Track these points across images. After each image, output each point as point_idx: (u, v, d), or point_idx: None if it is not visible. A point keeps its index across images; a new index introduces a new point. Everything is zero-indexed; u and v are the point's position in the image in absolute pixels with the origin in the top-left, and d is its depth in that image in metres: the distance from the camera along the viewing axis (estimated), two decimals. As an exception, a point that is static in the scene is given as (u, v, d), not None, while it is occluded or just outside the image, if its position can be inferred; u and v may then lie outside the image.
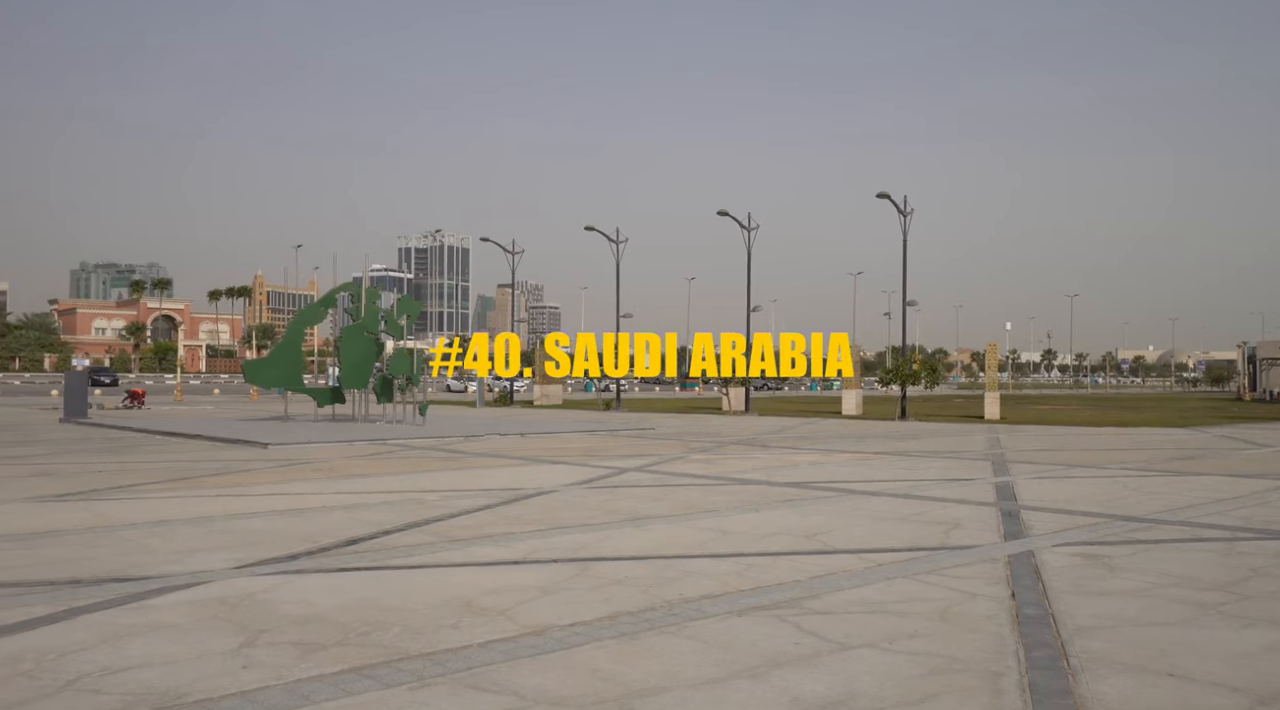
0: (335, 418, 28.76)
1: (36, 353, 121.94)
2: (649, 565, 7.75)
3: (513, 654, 5.27)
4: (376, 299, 28.69)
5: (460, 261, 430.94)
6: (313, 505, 11.25)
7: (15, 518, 10.10)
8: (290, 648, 5.37)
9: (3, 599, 6.47)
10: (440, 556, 8.09)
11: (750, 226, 41.15)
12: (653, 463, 17.14)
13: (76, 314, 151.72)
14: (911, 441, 23.39)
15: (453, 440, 22.13)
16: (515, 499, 11.87)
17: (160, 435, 23.43)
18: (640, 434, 25.56)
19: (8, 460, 16.90)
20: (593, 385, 69.48)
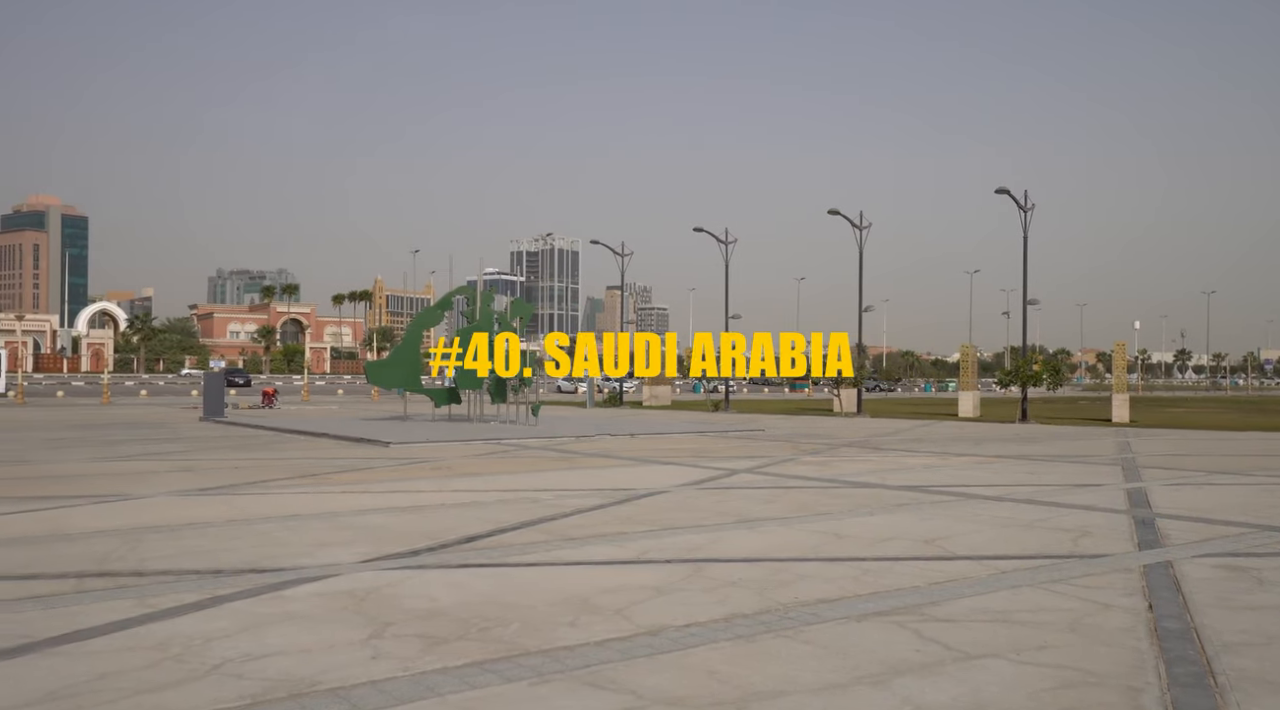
0: (451, 417, 29.58)
1: (178, 355, 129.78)
2: (762, 568, 7.69)
3: (629, 653, 5.31)
4: (490, 301, 29.38)
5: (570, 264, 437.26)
6: (432, 503, 11.60)
7: (163, 510, 10.75)
8: (415, 640, 5.55)
9: (154, 586, 6.90)
10: (556, 555, 8.22)
11: (862, 225, 40.38)
12: (763, 464, 17.00)
13: (213, 318, 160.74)
14: (1033, 445, 22.50)
15: (564, 440, 22.47)
16: (627, 499, 11.96)
17: (290, 434, 24.57)
18: (750, 435, 25.40)
19: (155, 456, 18.02)
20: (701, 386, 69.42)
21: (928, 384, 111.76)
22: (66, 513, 10.53)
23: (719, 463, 17.16)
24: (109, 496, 11.93)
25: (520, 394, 28.55)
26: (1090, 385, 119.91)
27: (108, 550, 8.22)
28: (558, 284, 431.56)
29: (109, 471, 15.20)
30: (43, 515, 10.33)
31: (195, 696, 4.57)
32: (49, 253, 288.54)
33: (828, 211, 40.70)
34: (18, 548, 8.36)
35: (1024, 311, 36.72)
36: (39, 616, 6.01)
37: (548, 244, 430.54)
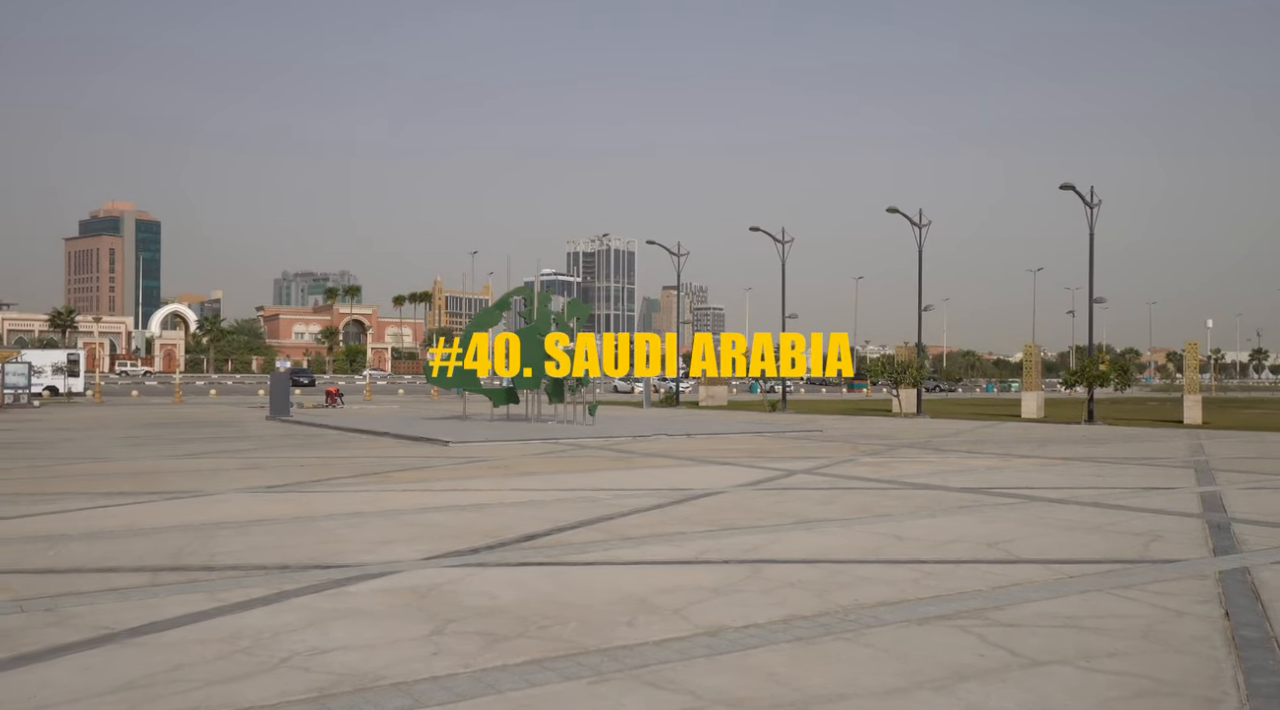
0: (509, 417, 29.88)
1: (245, 355, 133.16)
2: (821, 569, 7.62)
3: (687, 653, 5.31)
4: (547, 302, 29.61)
5: (626, 264, 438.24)
6: (491, 501, 11.72)
7: (232, 507, 11.05)
8: (476, 637, 5.62)
9: (225, 581, 7.10)
10: (614, 554, 8.25)
11: (921, 223, 39.78)
12: (821, 465, 16.85)
13: (279, 319, 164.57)
14: (1101, 446, 21.94)
15: (621, 440, 22.53)
16: (684, 499, 11.96)
17: (352, 433, 25.05)
18: (807, 436, 25.19)
19: (225, 454, 18.52)
20: (757, 386, 69.07)
21: (989, 384, 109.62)
22: (142, 508, 10.88)
23: (776, 463, 17.06)
24: (181, 493, 12.29)
25: (577, 394, 28.71)
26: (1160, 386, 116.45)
27: (181, 545, 8.48)
28: (614, 284, 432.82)
29: (181, 468, 15.66)
30: (120, 510, 10.68)
31: (265, 688, 4.68)
32: (124, 257, 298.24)
33: (886, 210, 40.19)
34: (97, 542, 8.66)
35: (1090, 309, 35.82)
36: (117, 608, 6.22)
37: (604, 245, 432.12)
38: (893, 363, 41.60)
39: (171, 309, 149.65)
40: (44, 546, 8.41)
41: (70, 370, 55.18)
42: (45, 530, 9.28)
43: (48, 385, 51.76)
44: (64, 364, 55.02)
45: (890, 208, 40.03)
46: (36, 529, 9.36)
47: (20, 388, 42.73)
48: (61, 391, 53.53)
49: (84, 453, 18.61)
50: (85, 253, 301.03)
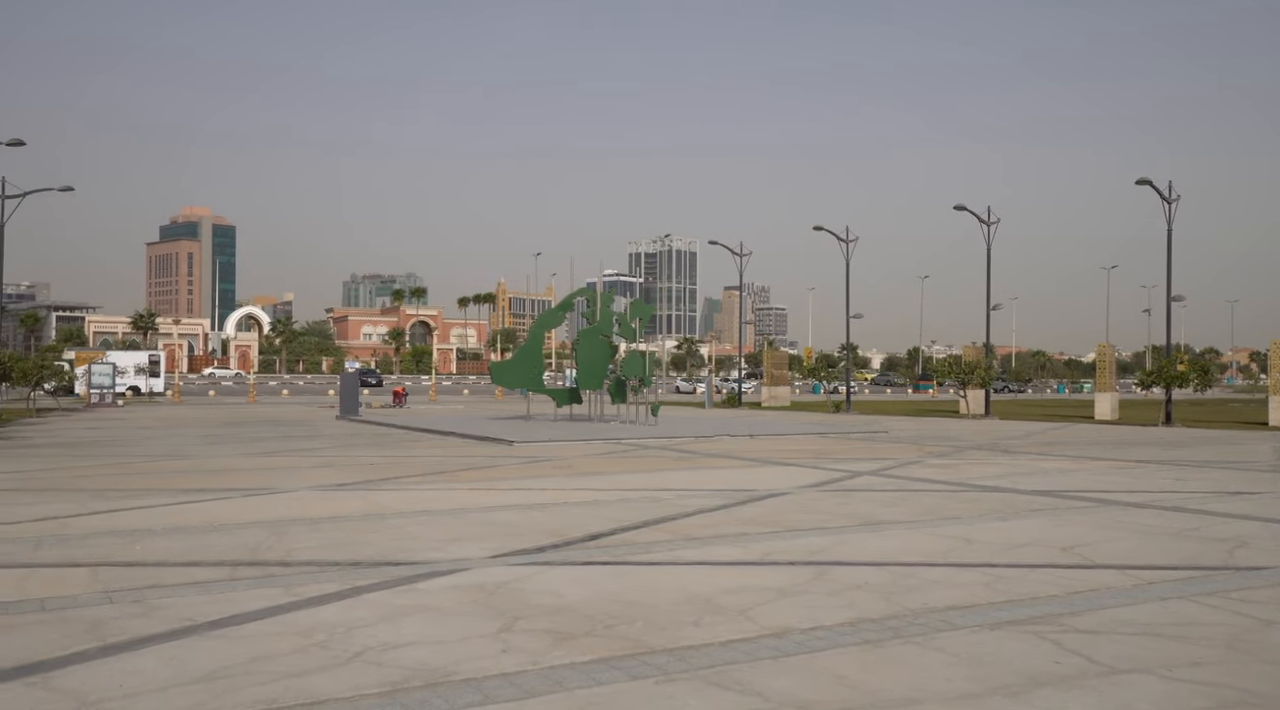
0: (573, 417, 30.06)
1: (316, 356, 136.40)
2: (889, 572, 7.52)
3: (754, 654, 5.29)
4: (610, 303, 29.72)
5: (688, 265, 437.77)
6: (556, 500, 11.82)
7: (306, 504, 11.33)
8: (543, 635, 5.67)
9: (299, 576, 7.28)
10: (678, 554, 8.25)
11: (990, 221, 38.97)
12: (887, 467, 16.62)
13: (348, 321, 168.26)
14: (1179, 449, 21.22)
15: (684, 440, 22.52)
16: (748, 500, 11.90)
17: (419, 432, 25.48)
18: (872, 437, 24.86)
19: (297, 452, 19.00)
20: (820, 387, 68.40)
21: (1060, 385, 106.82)
22: (220, 504, 11.22)
23: (841, 464, 16.87)
24: (257, 490, 12.65)
25: (640, 394, 28.77)
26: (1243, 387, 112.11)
27: (258, 541, 8.72)
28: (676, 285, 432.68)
29: (256, 466, 16.11)
30: (200, 506, 11.04)
31: (339, 682, 4.79)
32: (201, 260, 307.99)
33: (954, 207, 39.47)
34: (179, 537, 8.96)
35: (1168, 308, 34.67)
36: (199, 601, 6.43)
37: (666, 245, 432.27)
38: (960, 363, 40.83)
39: (246, 311, 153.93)
40: (130, 541, 8.73)
41: (151, 371, 57.15)
42: (131, 525, 9.63)
43: (130, 385, 53.66)
44: (145, 365, 57.01)
45: (958, 205, 39.30)
46: (123, 524, 9.73)
47: (105, 387, 44.39)
48: (143, 391, 55.46)
49: (165, 451, 19.25)
50: (165, 257, 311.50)
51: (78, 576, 7.20)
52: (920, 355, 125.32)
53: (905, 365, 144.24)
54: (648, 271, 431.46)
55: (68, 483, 13.59)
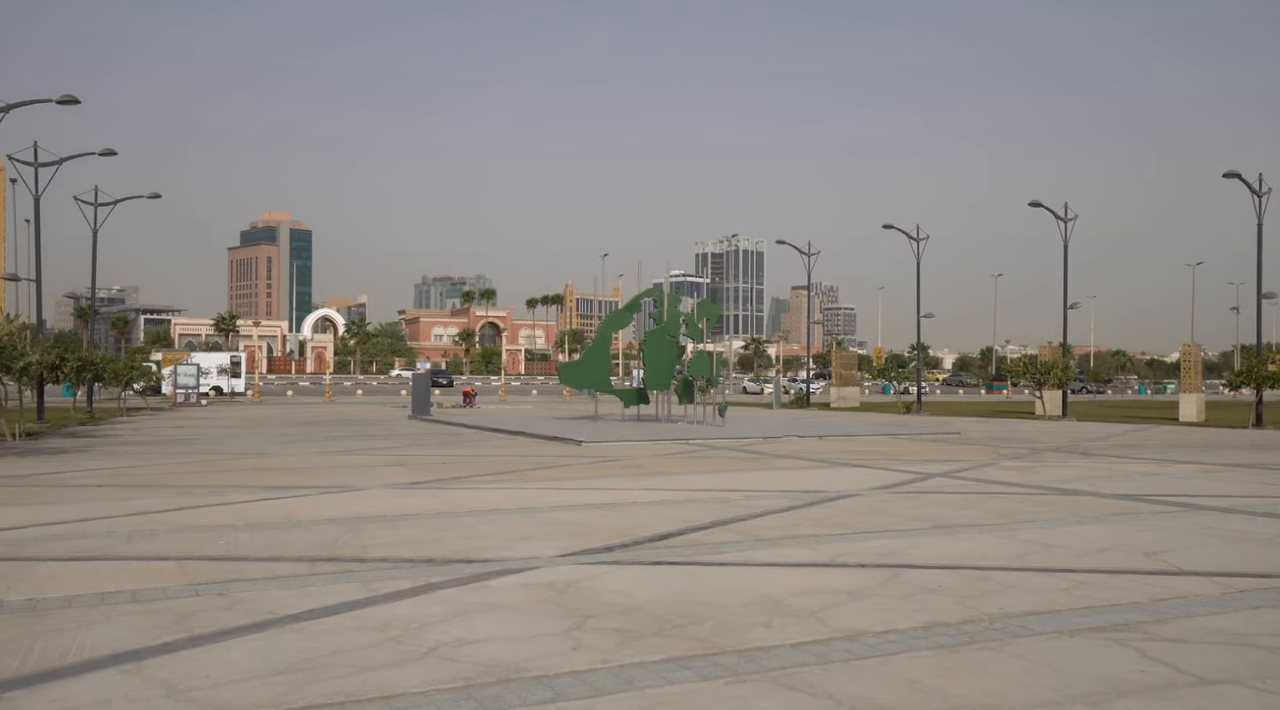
0: (640, 417, 30.13)
1: (389, 357, 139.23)
2: (963, 576, 7.38)
3: (825, 657, 5.24)
4: (677, 304, 29.72)
5: (755, 265, 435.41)
6: (624, 500, 11.87)
7: (381, 502, 11.58)
8: (613, 634, 5.70)
9: (375, 572, 7.45)
10: (747, 555, 8.22)
11: (1067, 217, 37.91)
12: (960, 469, 16.29)
13: (419, 322, 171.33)
14: (1271, 453, 20.36)
15: (752, 441, 22.40)
16: (818, 501, 11.79)
17: (489, 432, 25.83)
18: (944, 439, 24.40)
19: (371, 451, 19.43)
20: (890, 387, 67.36)
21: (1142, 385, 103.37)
22: (299, 501, 11.54)
23: (912, 466, 16.60)
24: (334, 488, 12.97)
25: (707, 395, 28.71)
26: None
27: (335, 537, 8.95)
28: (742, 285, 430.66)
29: (333, 464, 16.52)
30: (280, 503, 11.37)
31: (414, 676, 4.89)
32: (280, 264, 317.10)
33: (1029, 203, 38.47)
34: (261, 532, 9.24)
35: (1258, 305, 33.29)
36: (280, 595, 6.62)
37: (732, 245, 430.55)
38: (1035, 362, 39.79)
39: (321, 313, 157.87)
40: (215, 535, 9.03)
41: (233, 371, 59.04)
42: (216, 520, 9.97)
43: (213, 385, 55.51)
44: (227, 365, 58.92)
45: (1033, 202, 38.30)
46: (208, 519, 10.07)
47: (190, 388, 45.99)
48: (225, 391, 57.32)
49: (247, 449, 19.86)
50: (246, 261, 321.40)
51: (166, 569, 7.48)
52: (994, 355, 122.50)
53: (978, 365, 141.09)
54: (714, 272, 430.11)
55: (156, 479, 14.12)
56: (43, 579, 7.11)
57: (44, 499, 11.81)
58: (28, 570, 7.42)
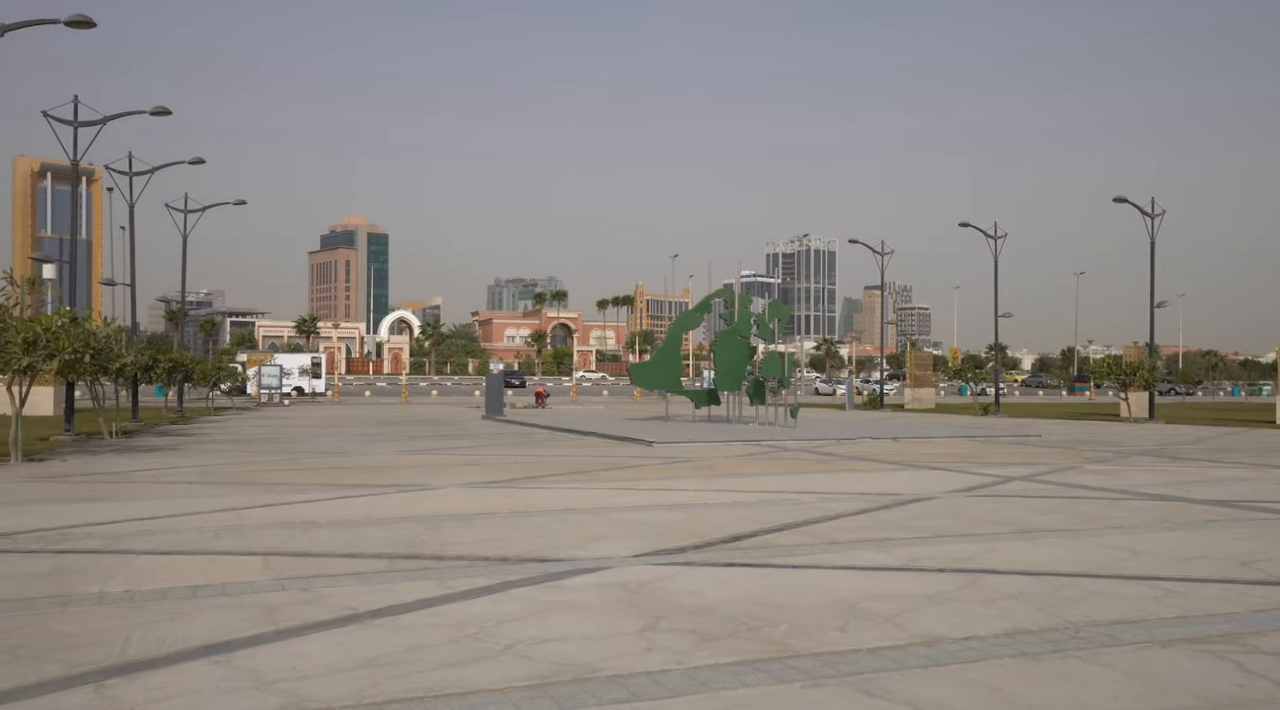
0: (711, 418, 30.06)
1: (462, 358, 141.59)
2: (1046, 582, 7.17)
3: (903, 662, 5.15)
4: (748, 304, 29.57)
5: (826, 265, 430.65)
6: (696, 501, 11.85)
7: (457, 500, 11.78)
8: (687, 635, 5.70)
9: (452, 570, 7.58)
10: (821, 558, 8.13)
11: (1153, 213, 36.62)
12: (1041, 472, 15.85)
13: (492, 324, 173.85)
14: (1379, 457, 19.33)
15: (824, 443, 22.15)
16: (892, 504, 11.60)
17: (561, 432, 26.06)
18: (1024, 441, 23.77)
19: (447, 450, 19.77)
20: (967, 389, 65.91)
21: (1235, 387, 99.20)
22: (378, 500, 11.81)
23: (991, 469, 16.21)
24: (411, 486, 13.24)
25: (779, 396, 28.50)
26: None
27: (413, 535, 9.13)
28: (814, 285, 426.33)
29: (410, 463, 16.86)
30: (360, 501, 11.64)
31: (491, 673, 4.96)
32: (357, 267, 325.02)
33: (1113, 199, 37.28)
34: (341, 529, 9.48)
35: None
36: (360, 590, 6.78)
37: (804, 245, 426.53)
38: (1120, 363, 38.53)
39: (398, 315, 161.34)
40: (298, 532, 9.30)
41: (314, 372, 60.72)
42: (299, 517, 10.26)
43: (295, 385, 57.16)
44: (308, 367, 60.62)
45: (1118, 197, 37.10)
46: (291, 516, 10.37)
47: (273, 388, 47.44)
48: (306, 391, 58.97)
49: (327, 448, 20.40)
50: (325, 264, 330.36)
51: (253, 564, 7.72)
52: (1075, 355, 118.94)
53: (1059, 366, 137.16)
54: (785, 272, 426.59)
55: (242, 477, 14.60)
56: (139, 571, 7.41)
57: (139, 495, 12.31)
58: (125, 563, 7.74)
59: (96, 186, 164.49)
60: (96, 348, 20.23)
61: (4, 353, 16.48)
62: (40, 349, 16.81)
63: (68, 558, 7.96)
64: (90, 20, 19.64)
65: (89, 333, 20.19)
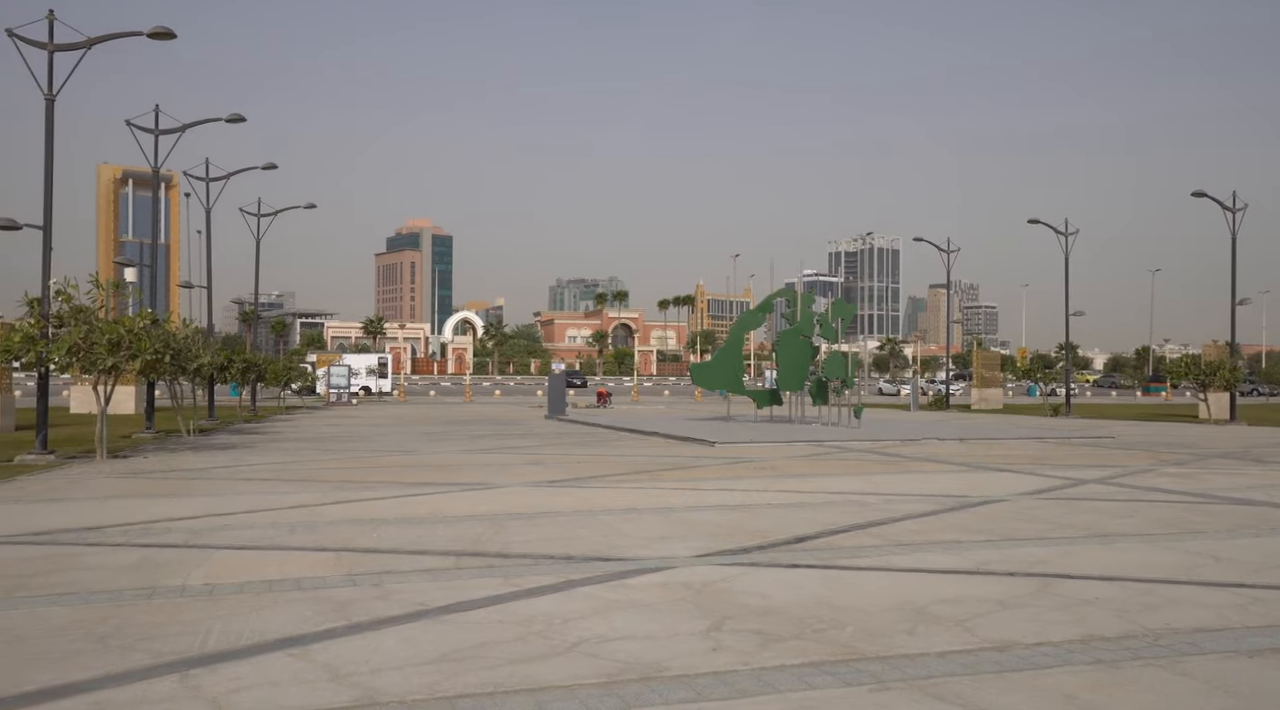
0: (773, 418, 29.87)
1: (525, 358, 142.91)
2: (1122, 587, 6.98)
3: (974, 668, 5.06)
4: (810, 304, 29.32)
5: (890, 263, 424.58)
6: (759, 502, 11.79)
7: (520, 499, 11.91)
8: (752, 636, 5.68)
9: (517, 567, 7.67)
10: (888, 560, 8.03)
11: (1235, 207, 35.32)
12: (1115, 475, 15.42)
13: (554, 324, 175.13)
14: None
15: (889, 443, 21.86)
16: (961, 506, 11.40)
17: (623, 432, 26.14)
18: (1096, 442, 23.14)
19: (510, 449, 19.99)
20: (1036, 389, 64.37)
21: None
22: (444, 498, 12.00)
23: (1062, 471, 15.82)
24: (476, 485, 13.42)
25: (842, 396, 28.20)
26: None
27: (478, 533, 9.25)
28: (877, 284, 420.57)
29: (474, 462, 17.08)
30: (426, 499, 11.85)
31: (559, 670, 5.01)
32: (422, 269, 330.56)
33: (1191, 194, 36.05)
34: (409, 527, 9.66)
35: None
36: (429, 587, 6.91)
37: (867, 243, 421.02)
38: (1199, 363, 37.25)
39: (461, 316, 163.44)
40: (368, 529, 9.50)
41: (380, 372, 61.92)
42: (368, 514, 10.48)
43: (362, 385, 58.33)
44: (375, 367, 61.83)
45: (1197, 192, 35.87)
46: (361, 513, 10.60)
47: (341, 388, 48.47)
48: (373, 391, 60.14)
49: (394, 447, 20.78)
50: (391, 267, 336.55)
51: (325, 560, 7.91)
52: (1150, 355, 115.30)
53: (1132, 366, 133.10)
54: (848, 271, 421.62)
55: (313, 474, 14.96)
56: (218, 566, 7.65)
57: (217, 491, 12.70)
58: (205, 557, 8.00)
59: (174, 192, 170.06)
60: (176, 348, 20.94)
61: (90, 353, 17.13)
62: (124, 350, 17.44)
63: (151, 551, 8.26)
64: (171, 31, 20.19)
65: (169, 334, 20.91)
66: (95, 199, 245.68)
